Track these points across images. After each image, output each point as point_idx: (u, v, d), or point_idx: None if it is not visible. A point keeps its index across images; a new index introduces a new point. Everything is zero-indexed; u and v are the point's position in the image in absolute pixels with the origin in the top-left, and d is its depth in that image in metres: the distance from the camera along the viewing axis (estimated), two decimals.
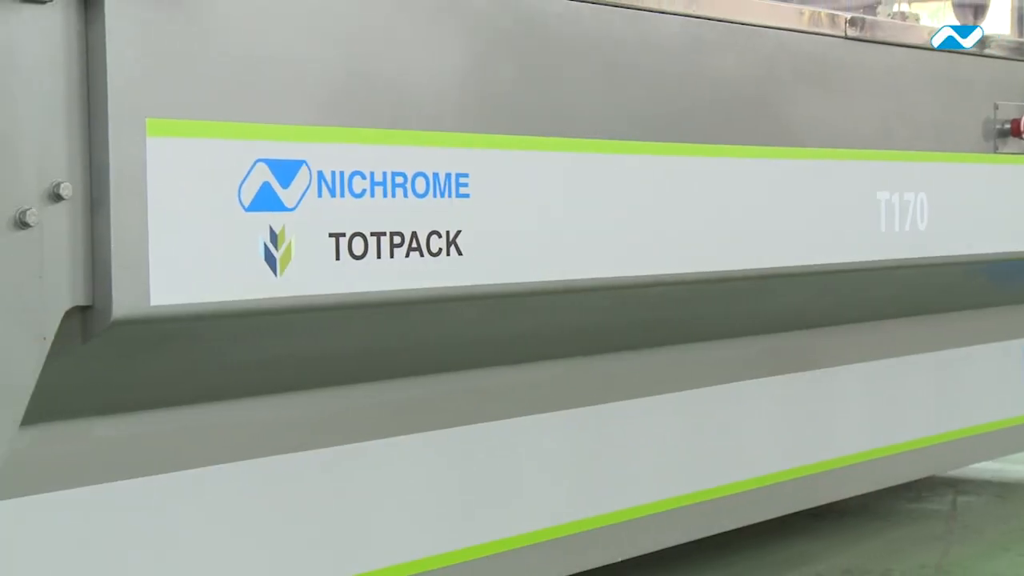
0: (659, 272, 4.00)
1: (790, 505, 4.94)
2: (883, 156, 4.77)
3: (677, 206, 4.03)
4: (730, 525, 4.70)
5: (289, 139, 3.08)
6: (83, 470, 3.01)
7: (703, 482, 4.52)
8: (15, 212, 2.65)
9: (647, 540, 4.38)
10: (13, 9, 2.63)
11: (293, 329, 3.23)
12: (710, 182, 4.13)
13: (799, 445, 4.91)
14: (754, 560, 4.99)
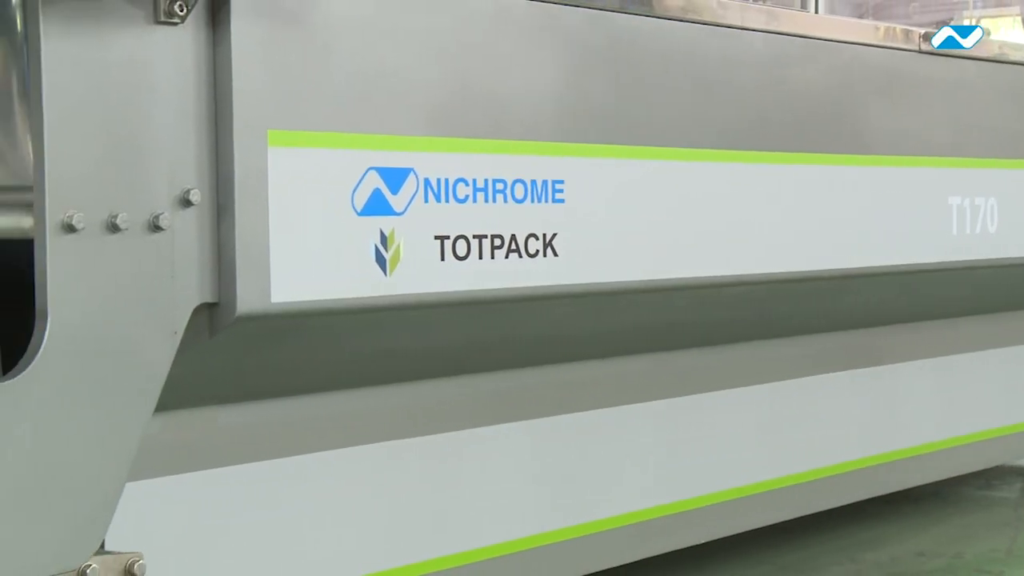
0: (741, 272, 3.98)
1: (866, 491, 4.91)
2: (955, 163, 4.72)
3: (758, 210, 4.01)
4: (810, 509, 4.68)
5: (398, 148, 3.10)
6: (208, 454, 3.06)
7: (783, 469, 4.50)
8: (149, 216, 2.68)
9: (730, 523, 4.36)
10: (148, 30, 2.66)
11: (401, 325, 3.25)
12: (791, 188, 4.11)
13: (874, 435, 4.88)
14: (831, 543, 4.95)
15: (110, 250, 2.63)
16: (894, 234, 4.48)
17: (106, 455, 2.67)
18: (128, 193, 2.65)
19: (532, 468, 3.76)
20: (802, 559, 4.74)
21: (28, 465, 2.54)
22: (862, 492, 4.91)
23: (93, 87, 2.60)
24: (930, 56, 4.56)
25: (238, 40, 2.77)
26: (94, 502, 2.66)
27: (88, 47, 2.58)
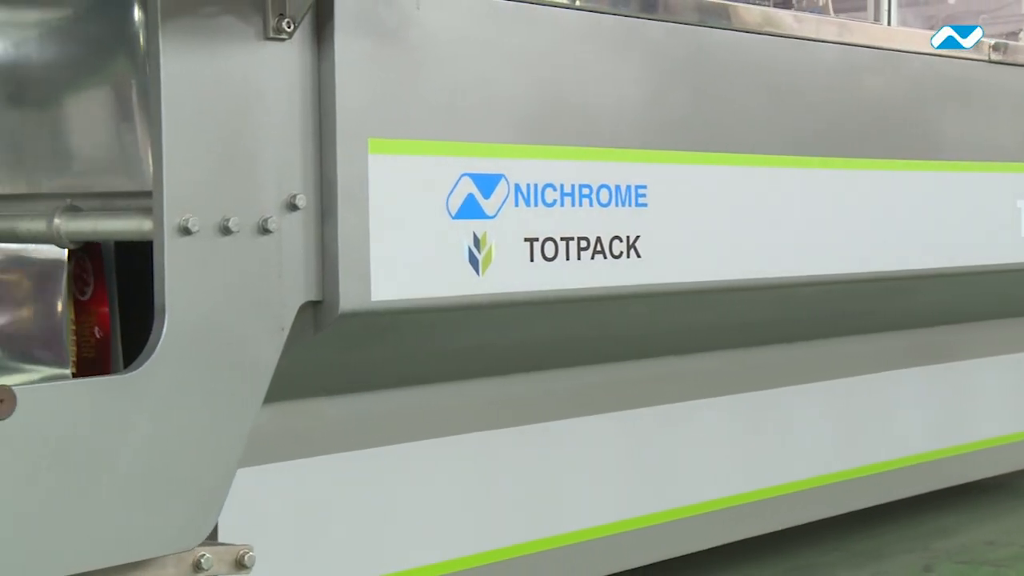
0: (816, 272, 3.96)
1: (937, 482, 4.86)
2: (1022, 168, 4.65)
3: (832, 213, 3.99)
4: (882, 499, 4.64)
5: (490, 155, 3.12)
6: (312, 443, 3.09)
7: (857, 460, 4.47)
8: (259, 220, 2.71)
9: (806, 511, 4.34)
10: (259, 46, 2.69)
11: (492, 322, 3.26)
12: (862, 192, 4.08)
13: (945, 428, 4.83)
14: (903, 532, 4.90)
15: (222, 251, 2.66)
16: (963, 236, 4.43)
17: (218, 443, 2.70)
18: (239, 198, 2.69)
19: (616, 457, 3.76)
20: (875, 547, 4.69)
21: (147, 452, 2.58)
22: (934, 483, 4.86)
23: (208, 99, 2.63)
24: (999, 65, 4.51)
25: (341, 55, 2.80)
26: (208, 487, 2.69)
27: (203, 62, 2.62)
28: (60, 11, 3.05)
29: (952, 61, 4.35)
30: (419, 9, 2.96)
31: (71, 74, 3.03)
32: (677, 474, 3.92)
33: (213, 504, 2.70)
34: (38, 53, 3.08)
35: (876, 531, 4.86)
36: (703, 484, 3.98)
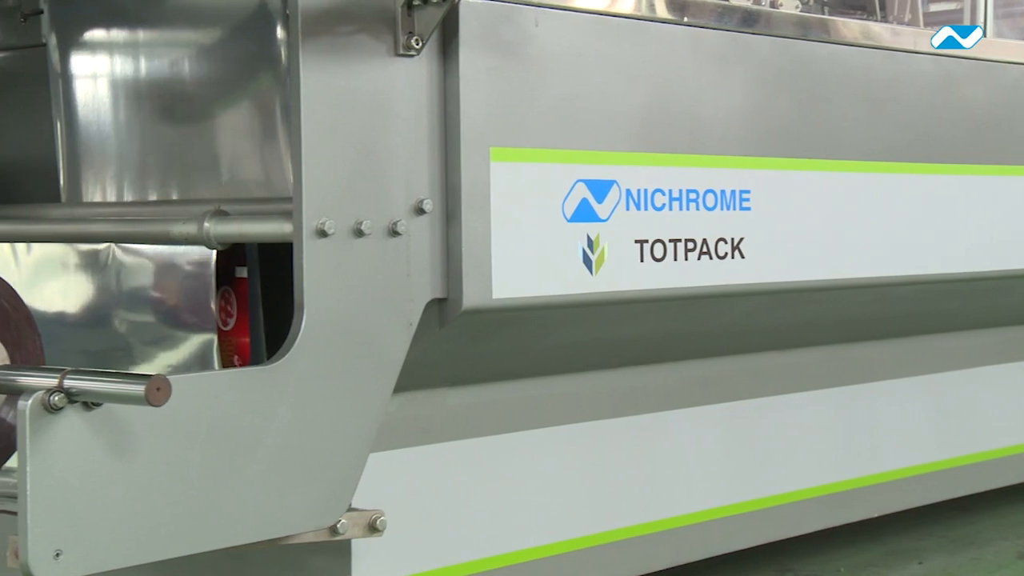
0: (911, 273, 3.90)
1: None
2: None
3: (927, 216, 3.92)
4: (978, 488, 4.57)
5: (603, 163, 3.11)
6: (437, 430, 3.11)
7: (953, 451, 4.39)
8: (389, 223, 2.73)
9: (902, 498, 4.28)
10: (389, 62, 2.71)
11: (604, 318, 3.26)
12: (956, 196, 4.00)
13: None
14: (998, 519, 4.79)
15: (356, 252, 2.68)
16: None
17: (352, 429, 2.72)
18: (371, 203, 2.71)
19: (720, 446, 3.73)
20: (970, 534, 4.60)
21: (287, 436, 2.61)
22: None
23: (343, 112, 2.66)
24: None
25: (465, 69, 2.81)
26: (343, 469, 2.72)
27: (339, 77, 2.64)
28: (209, 32, 3.10)
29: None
30: (537, 26, 2.96)
31: (219, 90, 3.09)
32: (777, 462, 3.88)
33: (347, 485, 2.73)
34: (190, 71, 3.14)
35: (972, 518, 4.76)
36: (802, 472, 3.94)
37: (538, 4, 2.97)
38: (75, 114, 3.27)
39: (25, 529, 2.23)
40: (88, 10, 3.24)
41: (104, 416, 2.30)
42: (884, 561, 4.25)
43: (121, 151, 3.25)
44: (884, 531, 4.46)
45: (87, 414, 2.28)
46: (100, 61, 3.27)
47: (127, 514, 2.37)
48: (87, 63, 3.28)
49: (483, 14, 2.85)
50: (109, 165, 3.26)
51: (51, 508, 2.25)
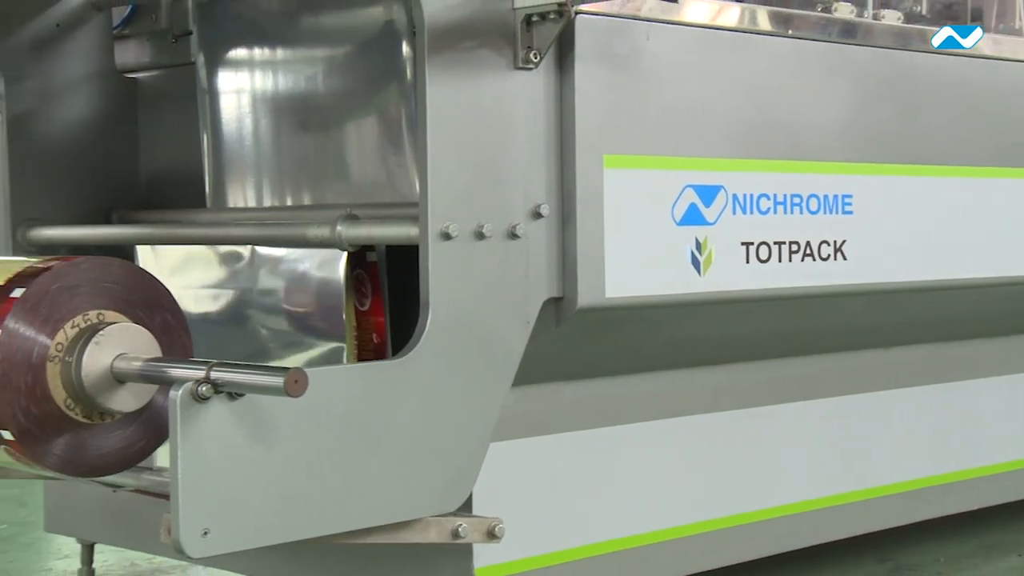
0: (1009, 274, 3.81)
1: None
2: None
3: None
4: None
5: (711, 169, 3.09)
6: (553, 422, 3.10)
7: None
8: (508, 226, 2.74)
9: (997, 492, 4.18)
10: (509, 75, 2.72)
11: (711, 317, 3.23)
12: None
13: None
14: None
15: (477, 254, 2.69)
16: None
17: (474, 420, 2.74)
18: (492, 207, 2.72)
19: (819, 440, 3.68)
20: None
21: (413, 426, 2.63)
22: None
23: (465, 122, 2.67)
24: None
25: (580, 81, 2.81)
26: (465, 458, 2.73)
27: (462, 90, 2.66)
28: (341, 50, 3.14)
29: None
30: (648, 40, 2.95)
31: (349, 103, 3.12)
32: (878, 456, 3.81)
33: (469, 473, 2.75)
34: (322, 86, 3.18)
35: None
36: (903, 465, 3.86)
37: (649, 19, 2.95)
38: (219, 126, 3.33)
39: (176, 508, 2.28)
40: (232, 31, 3.30)
41: (247, 405, 2.35)
42: (983, 553, 4.15)
43: (260, 160, 3.31)
44: (983, 524, 4.35)
45: (231, 404, 2.33)
46: (242, 77, 3.34)
47: (267, 496, 2.42)
48: (230, 79, 3.34)
49: (597, 29, 2.84)
50: (249, 173, 3.32)
51: (199, 490, 2.30)
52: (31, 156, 3.38)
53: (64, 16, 3.38)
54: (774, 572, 3.68)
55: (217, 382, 2.28)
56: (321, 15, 3.16)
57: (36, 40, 3.35)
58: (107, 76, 3.50)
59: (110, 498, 3.31)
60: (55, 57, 3.40)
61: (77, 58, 3.43)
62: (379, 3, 2.98)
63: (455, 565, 2.91)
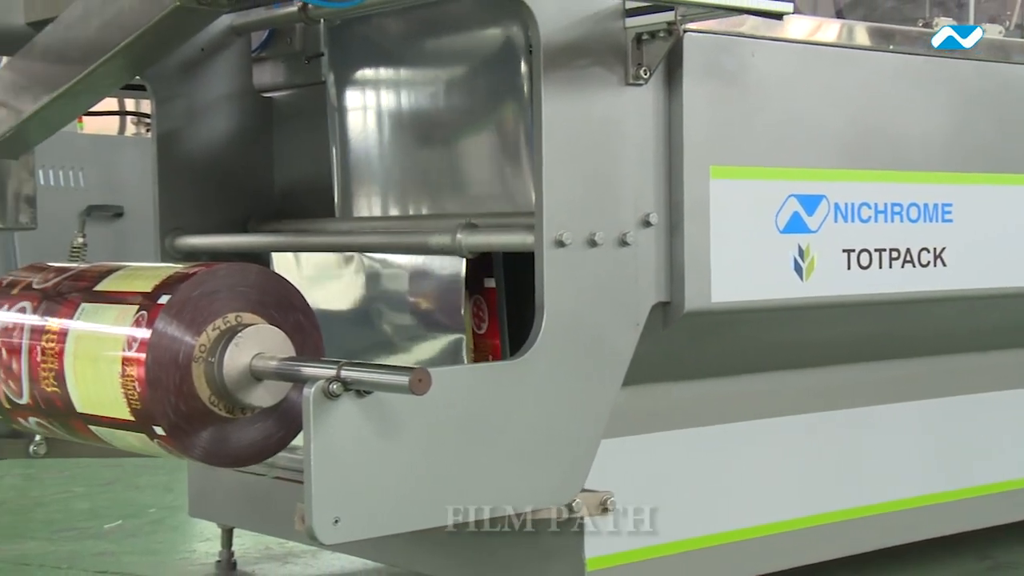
0: None
1: None
2: None
3: None
4: None
5: (813, 179, 3.04)
6: (661, 420, 3.08)
7: None
8: (619, 234, 2.72)
9: None
10: (620, 91, 2.71)
11: (813, 321, 3.18)
12: None
13: None
14: None
15: (589, 260, 2.68)
16: None
17: (586, 418, 2.73)
18: (603, 216, 2.71)
19: (917, 440, 3.58)
20: None
21: (529, 423, 2.63)
22: None
23: (579, 135, 2.67)
24: None
25: (688, 96, 2.78)
26: (577, 453, 2.73)
27: (576, 105, 2.65)
28: (461, 68, 3.15)
29: None
30: (754, 56, 2.91)
31: (468, 118, 3.13)
32: (974, 456, 3.70)
33: (582, 468, 2.74)
34: (443, 102, 3.20)
35: None
36: (1003, 465, 3.75)
37: (754, 36, 2.92)
38: (347, 141, 3.37)
39: (309, 498, 2.31)
40: (360, 52, 3.34)
41: (374, 403, 2.36)
42: None
43: (385, 172, 3.33)
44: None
45: (360, 400, 2.35)
46: (369, 95, 3.37)
47: (393, 487, 2.44)
48: (358, 97, 3.37)
49: (705, 46, 2.81)
50: (375, 184, 3.35)
51: (330, 481, 2.33)
52: (178, 170, 3.44)
53: (208, 41, 3.45)
54: (876, 568, 3.61)
55: (347, 380, 2.30)
56: (442, 36, 3.18)
57: (184, 63, 3.42)
58: (246, 95, 3.56)
59: (247, 486, 3.37)
60: (200, 79, 3.47)
61: (219, 79, 3.50)
62: (497, 24, 2.98)
63: (567, 555, 2.90)
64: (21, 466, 5.11)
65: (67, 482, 5.13)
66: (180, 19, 2.74)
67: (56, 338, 2.59)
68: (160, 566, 3.96)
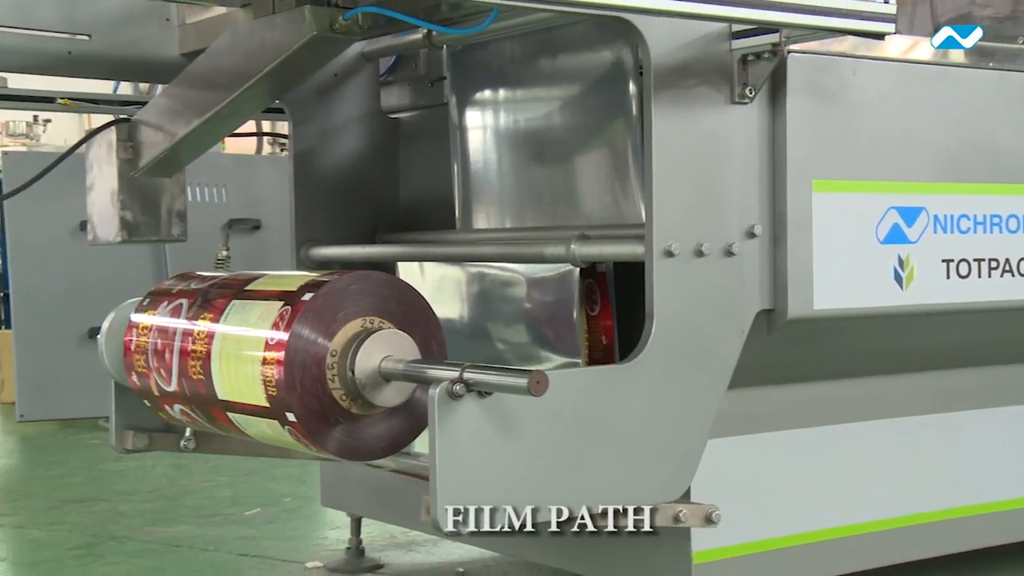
0: None
1: None
2: None
3: None
4: None
5: (913, 192, 2.95)
6: (763, 421, 3.02)
7: None
8: (725, 245, 2.68)
9: None
10: (727, 109, 2.66)
11: (912, 328, 3.09)
12: None
13: None
14: None
15: (697, 270, 2.64)
16: None
17: (693, 419, 2.69)
18: (710, 228, 2.66)
19: (1015, 443, 3.45)
20: None
21: (639, 424, 2.60)
22: None
23: (686, 151, 2.63)
24: None
25: (791, 114, 2.73)
26: (685, 453, 2.68)
27: (684, 123, 2.62)
28: (573, 89, 3.14)
29: None
30: (855, 75, 2.84)
31: (580, 136, 3.11)
32: None
33: (689, 466, 2.70)
34: (557, 120, 3.18)
35: None
36: None
37: (855, 56, 2.85)
38: (467, 158, 3.37)
39: (434, 491, 2.31)
40: (479, 75, 3.34)
41: (494, 403, 2.35)
42: None
43: (502, 187, 3.33)
44: None
45: (481, 401, 2.34)
46: (487, 115, 3.37)
47: (512, 482, 2.42)
48: (477, 117, 3.38)
49: (807, 66, 2.75)
50: (493, 198, 3.35)
51: (454, 475, 2.32)
52: (312, 186, 3.49)
53: (341, 67, 3.48)
54: (971, 568, 3.49)
55: (469, 382, 2.30)
56: (556, 59, 3.16)
57: (318, 88, 3.47)
58: (374, 117, 3.59)
59: (375, 479, 3.39)
60: (333, 102, 3.51)
61: (350, 102, 3.53)
62: (608, 47, 2.95)
63: (675, 549, 2.86)
64: (173, 457, 5.23)
65: (212, 472, 5.24)
66: (317, 48, 2.78)
67: (205, 334, 2.64)
68: (296, 551, 4.01)
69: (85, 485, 5.18)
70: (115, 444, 3.07)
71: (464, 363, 2.34)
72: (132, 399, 2.98)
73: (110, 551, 4.07)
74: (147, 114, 3.18)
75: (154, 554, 4.02)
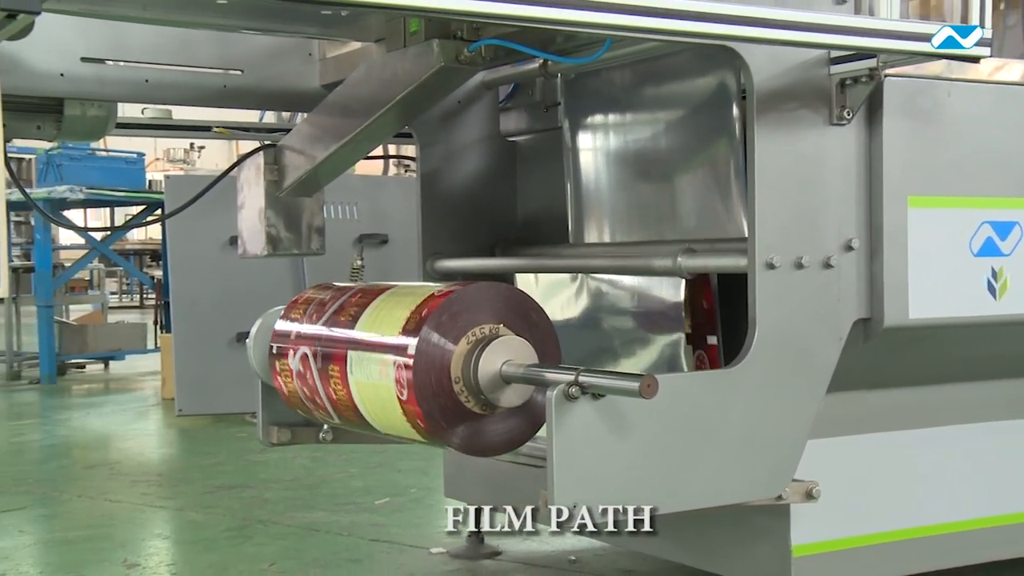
0: None
1: None
2: None
3: None
4: None
5: (1006, 207, 2.83)
6: (860, 424, 2.93)
7: None
8: (823, 257, 2.62)
9: None
10: (825, 130, 2.60)
11: (1005, 337, 2.97)
12: None
13: None
14: None
15: (797, 281, 2.58)
16: None
17: (793, 421, 2.62)
18: (809, 241, 2.60)
19: None
20: None
21: (742, 425, 2.55)
22: None
23: (787, 170, 2.57)
24: None
25: (888, 134, 2.65)
26: (784, 453, 2.62)
27: (785, 143, 2.56)
28: (678, 111, 3.10)
29: None
30: (950, 96, 2.74)
31: (685, 155, 3.07)
32: None
33: (788, 466, 2.63)
34: (663, 141, 3.14)
35: None
36: None
37: (950, 79, 2.75)
38: (580, 177, 3.36)
39: (551, 486, 2.29)
40: (591, 100, 3.33)
41: (607, 404, 2.33)
42: None
43: (612, 204, 3.30)
44: None
45: (595, 402, 2.32)
46: (598, 138, 3.35)
47: (623, 478, 2.40)
48: (589, 139, 3.36)
49: (904, 89, 2.67)
50: (603, 214, 3.33)
51: (570, 471, 2.30)
52: (437, 204, 3.51)
53: (464, 94, 3.51)
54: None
55: (584, 385, 2.28)
56: (662, 84, 3.13)
57: (444, 114, 3.49)
58: (494, 140, 3.60)
59: (494, 471, 3.38)
60: (456, 126, 3.53)
61: (472, 127, 3.55)
62: (712, 73, 2.91)
63: (774, 538, 2.79)
64: (310, 450, 5.32)
65: (345, 464, 5.31)
66: (443, 77, 2.79)
67: (342, 339, 2.67)
68: (422, 537, 4.03)
69: (235, 473, 5.31)
70: (262, 438, 3.13)
71: (579, 368, 2.32)
72: (277, 397, 3.04)
73: (257, 533, 4.16)
74: (291, 140, 3.24)
75: (295, 537, 4.09)
